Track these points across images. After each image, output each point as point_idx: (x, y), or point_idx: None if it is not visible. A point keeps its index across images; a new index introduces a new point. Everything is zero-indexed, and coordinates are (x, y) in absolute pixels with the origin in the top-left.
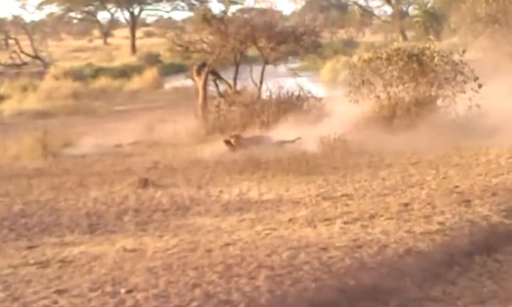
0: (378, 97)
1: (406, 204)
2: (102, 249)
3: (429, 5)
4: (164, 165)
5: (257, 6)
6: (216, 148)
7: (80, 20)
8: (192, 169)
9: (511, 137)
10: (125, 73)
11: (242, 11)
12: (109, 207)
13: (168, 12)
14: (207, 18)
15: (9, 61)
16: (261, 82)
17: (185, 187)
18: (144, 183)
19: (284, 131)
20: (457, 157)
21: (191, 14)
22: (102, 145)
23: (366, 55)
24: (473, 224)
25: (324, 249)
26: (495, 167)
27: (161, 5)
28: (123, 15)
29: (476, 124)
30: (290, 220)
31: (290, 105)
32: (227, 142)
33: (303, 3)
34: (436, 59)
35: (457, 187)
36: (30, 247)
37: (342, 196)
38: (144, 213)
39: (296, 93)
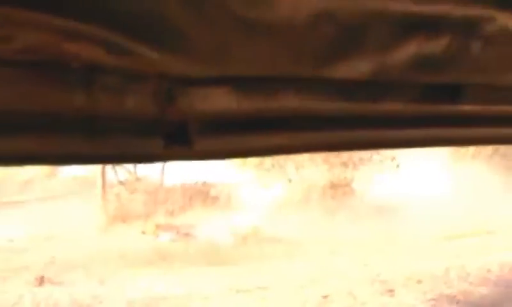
0: (290, 181)
1: (325, 296)
2: None
3: None
4: (62, 260)
5: None
6: (119, 238)
7: None
8: (93, 263)
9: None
10: None
11: None
12: None
13: None
14: None
15: None
16: (163, 167)
17: (85, 283)
18: (41, 280)
19: (192, 219)
20: (379, 242)
21: None
22: None
23: None
24: None
25: None
26: (418, 253)
27: None
28: None
29: (398, 206)
30: None
31: (196, 191)
32: None
33: None
34: None
35: (379, 274)
36: None
37: (258, 288)
38: None
39: (201, 179)
